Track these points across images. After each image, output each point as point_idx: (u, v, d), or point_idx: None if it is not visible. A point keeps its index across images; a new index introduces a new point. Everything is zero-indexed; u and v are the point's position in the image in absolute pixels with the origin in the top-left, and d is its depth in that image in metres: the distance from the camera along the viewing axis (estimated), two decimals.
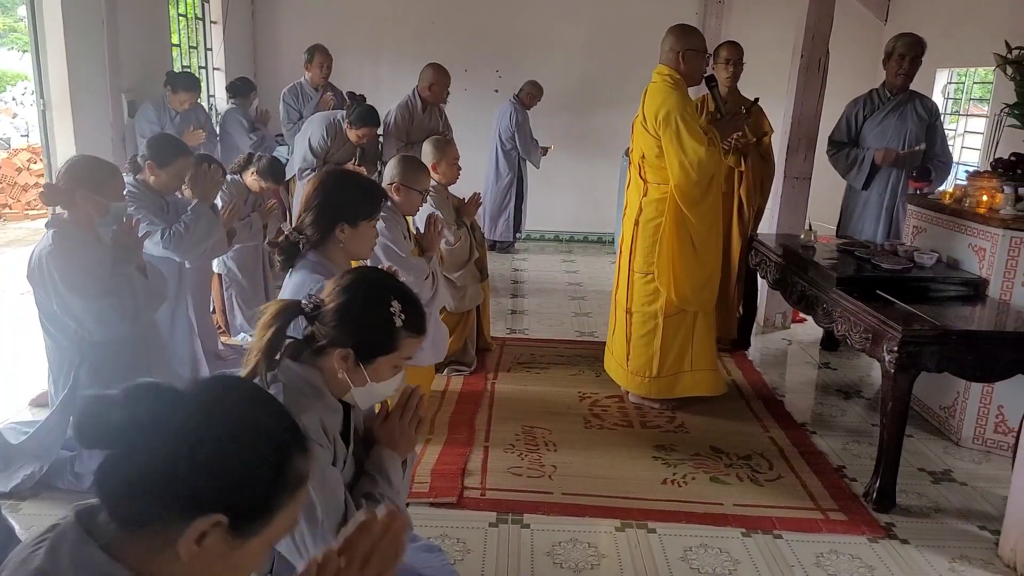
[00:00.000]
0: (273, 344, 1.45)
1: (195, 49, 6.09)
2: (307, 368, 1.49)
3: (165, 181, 3.18)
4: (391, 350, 1.49)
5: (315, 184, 2.16)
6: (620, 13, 7.09)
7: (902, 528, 2.76)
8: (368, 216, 2.16)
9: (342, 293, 1.48)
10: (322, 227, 2.11)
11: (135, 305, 2.54)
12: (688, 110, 3.40)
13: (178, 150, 3.23)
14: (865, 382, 4.18)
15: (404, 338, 1.49)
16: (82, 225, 2.61)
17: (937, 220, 3.73)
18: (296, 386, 1.46)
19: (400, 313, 1.46)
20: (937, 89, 6.34)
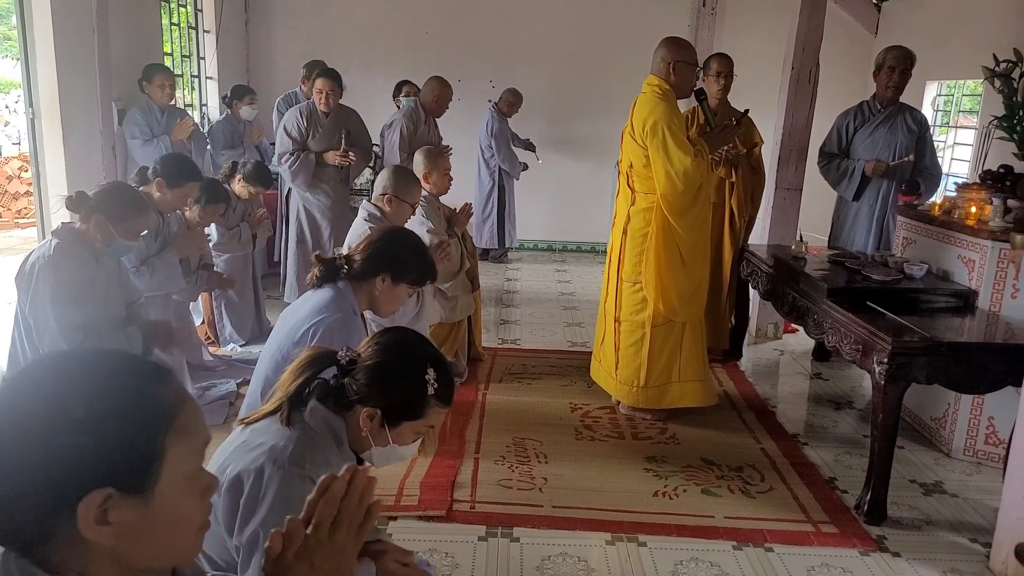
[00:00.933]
0: (301, 390, 1.46)
1: (188, 58, 6.09)
2: (332, 415, 1.48)
3: (170, 201, 3.23)
4: (418, 416, 1.50)
5: (389, 230, 2.28)
6: (613, 24, 7.12)
7: (893, 541, 2.75)
8: (411, 283, 2.23)
9: (381, 353, 1.49)
10: (370, 267, 2.17)
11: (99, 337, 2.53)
12: (675, 121, 3.41)
13: (191, 175, 3.28)
14: (857, 393, 4.18)
15: (433, 407, 1.50)
16: (87, 241, 2.61)
17: (927, 231, 3.74)
18: (319, 430, 1.46)
19: (434, 382, 1.48)
20: (927, 101, 6.39)
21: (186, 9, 6.05)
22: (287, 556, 0.94)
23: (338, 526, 0.96)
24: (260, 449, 1.39)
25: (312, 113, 4.70)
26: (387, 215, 3.30)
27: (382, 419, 1.47)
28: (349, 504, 0.97)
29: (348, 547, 0.97)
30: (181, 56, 5.94)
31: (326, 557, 0.95)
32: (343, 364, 1.48)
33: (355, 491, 0.98)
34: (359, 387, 1.47)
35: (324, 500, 0.96)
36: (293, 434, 1.42)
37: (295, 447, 1.39)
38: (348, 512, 0.97)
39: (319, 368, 1.48)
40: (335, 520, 0.96)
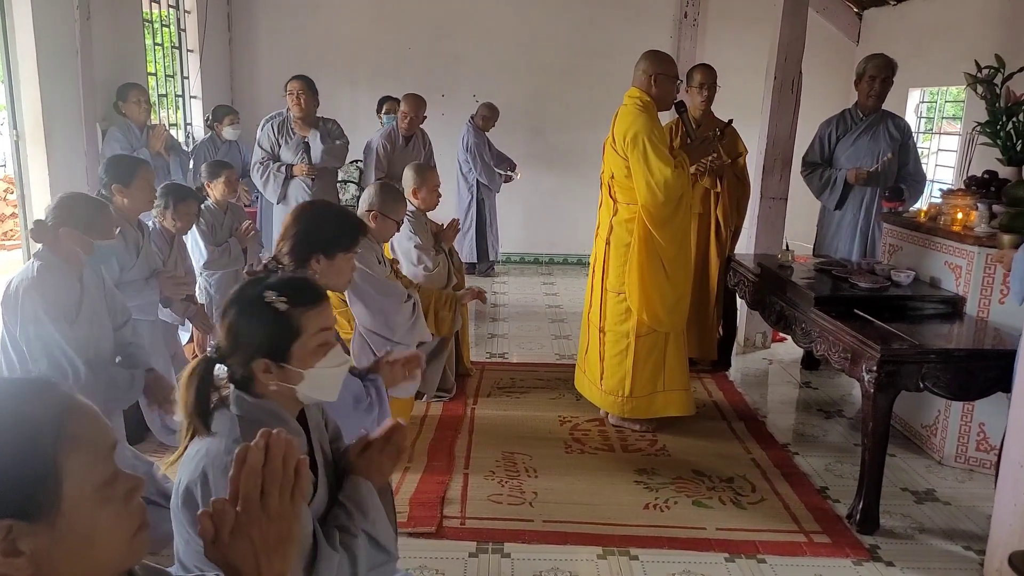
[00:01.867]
0: (200, 400, 1.40)
1: (172, 78, 6.07)
2: (258, 399, 1.45)
3: (138, 198, 3.15)
4: (296, 334, 1.43)
5: (295, 214, 2.16)
6: (596, 37, 7.16)
7: (886, 550, 2.73)
8: (345, 249, 2.14)
9: (224, 315, 1.45)
10: (298, 257, 2.09)
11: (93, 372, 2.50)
12: (656, 132, 3.42)
13: (135, 163, 3.21)
14: (846, 401, 4.17)
15: (299, 316, 1.43)
16: (67, 261, 2.57)
17: (912, 238, 3.75)
18: (254, 416, 1.41)
19: (277, 298, 1.41)
20: (910, 108, 6.44)
21: (169, 29, 6.04)
22: (223, 536, 0.91)
23: (268, 495, 0.93)
24: (199, 455, 1.36)
25: (284, 124, 4.72)
26: (372, 231, 3.28)
27: (273, 363, 1.42)
28: (273, 470, 0.93)
29: (285, 512, 0.94)
30: (165, 76, 5.92)
31: (264, 528, 0.92)
32: (217, 356, 1.45)
33: (275, 456, 0.94)
34: (236, 358, 1.43)
35: (244, 472, 0.93)
36: (226, 430, 1.39)
37: (230, 442, 1.36)
38: (274, 478, 0.93)
39: (202, 373, 1.42)
40: (264, 489, 0.93)
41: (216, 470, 1.32)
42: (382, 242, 3.40)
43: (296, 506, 0.96)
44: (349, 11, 7.12)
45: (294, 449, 0.97)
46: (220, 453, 1.34)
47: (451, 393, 4.02)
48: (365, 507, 1.48)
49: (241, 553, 0.91)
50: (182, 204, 3.54)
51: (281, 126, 4.74)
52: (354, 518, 1.46)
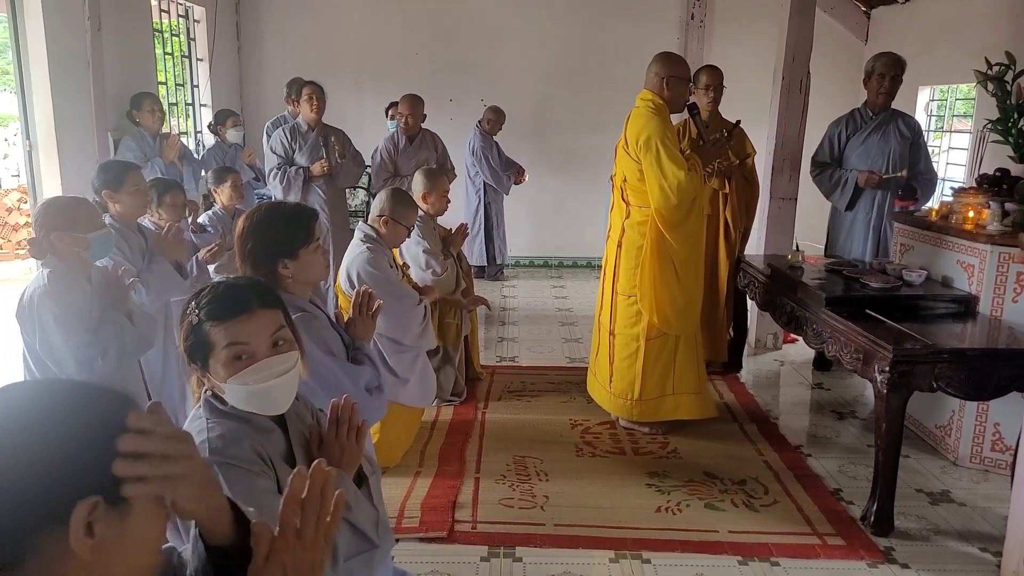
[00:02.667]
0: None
1: (182, 87, 6.12)
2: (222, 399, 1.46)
3: (129, 203, 3.12)
4: (209, 348, 1.41)
5: (242, 228, 2.09)
6: (603, 39, 7.16)
7: (902, 552, 2.71)
8: (305, 243, 2.08)
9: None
10: (265, 269, 2.05)
11: (119, 351, 2.49)
12: (669, 135, 3.42)
13: (126, 167, 3.18)
14: (859, 402, 4.14)
15: (209, 330, 1.40)
16: (72, 266, 2.57)
17: (924, 237, 3.73)
18: (220, 416, 1.43)
19: (194, 310, 1.41)
20: (920, 106, 6.40)
21: (179, 38, 6.09)
22: (258, 560, 0.94)
23: (306, 523, 0.96)
24: None
25: (295, 129, 4.75)
26: (383, 236, 3.30)
27: (201, 370, 1.43)
28: (311, 500, 0.97)
29: (319, 542, 0.97)
30: (175, 84, 5.97)
31: (298, 557, 0.95)
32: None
33: (315, 487, 0.97)
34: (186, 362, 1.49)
35: (286, 500, 0.96)
36: (195, 430, 1.40)
37: (202, 444, 1.37)
38: (312, 508, 0.97)
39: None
40: (302, 518, 0.96)
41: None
42: (392, 247, 3.41)
43: (329, 540, 0.99)
44: (356, 17, 7.16)
45: (332, 482, 0.99)
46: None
47: (461, 397, 4.02)
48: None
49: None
50: (167, 196, 3.47)
51: (293, 131, 4.77)
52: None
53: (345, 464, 1.52)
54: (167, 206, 3.48)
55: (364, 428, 1.54)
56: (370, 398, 2.19)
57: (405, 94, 5.36)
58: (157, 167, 4.48)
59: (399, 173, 5.25)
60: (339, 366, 2.15)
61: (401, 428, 3.35)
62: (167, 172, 4.47)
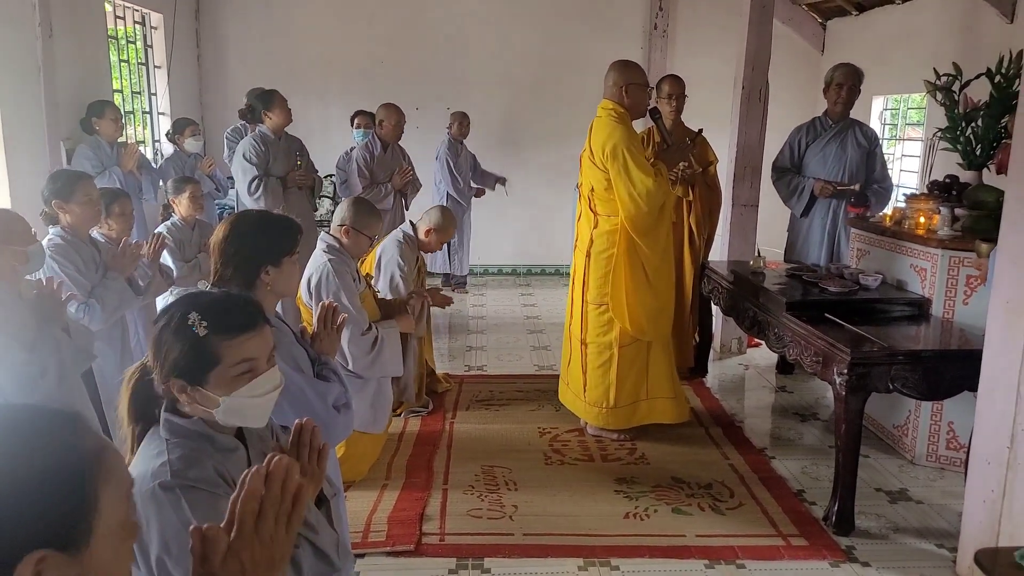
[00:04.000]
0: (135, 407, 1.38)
1: (139, 95, 6.01)
2: (187, 419, 1.40)
3: (79, 213, 3.03)
4: (214, 362, 1.37)
5: (227, 232, 2.04)
6: (567, 49, 7.22)
7: (862, 550, 2.77)
8: (289, 252, 2.06)
9: (153, 330, 1.40)
10: (247, 274, 2.00)
11: (60, 367, 2.42)
12: (634, 143, 3.46)
13: (77, 177, 3.09)
14: (821, 404, 4.22)
15: (219, 344, 1.37)
16: (3, 282, 2.48)
17: (879, 242, 3.82)
18: (183, 438, 1.37)
19: (199, 322, 1.36)
20: (874, 115, 6.57)
21: (135, 45, 5.98)
22: (214, 562, 0.91)
23: (264, 520, 0.93)
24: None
25: (266, 138, 4.69)
26: (345, 246, 3.25)
27: (190, 384, 1.37)
28: (272, 496, 0.94)
29: (279, 538, 0.95)
30: (132, 92, 5.86)
31: (256, 553, 0.92)
32: (148, 374, 1.41)
33: (275, 482, 0.95)
34: (156, 372, 1.38)
35: (244, 497, 0.93)
36: (152, 452, 1.35)
37: (157, 465, 1.33)
38: (272, 503, 0.94)
39: (139, 378, 1.40)
40: (260, 514, 0.93)
41: (144, 497, 1.27)
42: (356, 257, 3.37)
43: (291, 533, 0.96)
44: (320, 25, 7.11)
45: (294, 476, 0.97)
46: (145, 476, 1.30)
47: (427, 408, 3.99)
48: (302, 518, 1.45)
49: (230, 575, 0.91)
50: (115, 205, 3.36)
51: (264, 140, 4.68)
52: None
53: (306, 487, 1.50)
54: (116, 216, 3.37)
55: (325, 450, 1.51)
56: (338, 415, 2.15)
57: (384, 103, 5.32)
58: (115, 176, 4.39)
59: (376, 181, 5.22)
60: (307, 383, 2.11)
61: (367, 441, 3.31)
62: (125, 182, 4.38)
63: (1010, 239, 2.49)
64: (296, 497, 0.97)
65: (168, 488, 1.27)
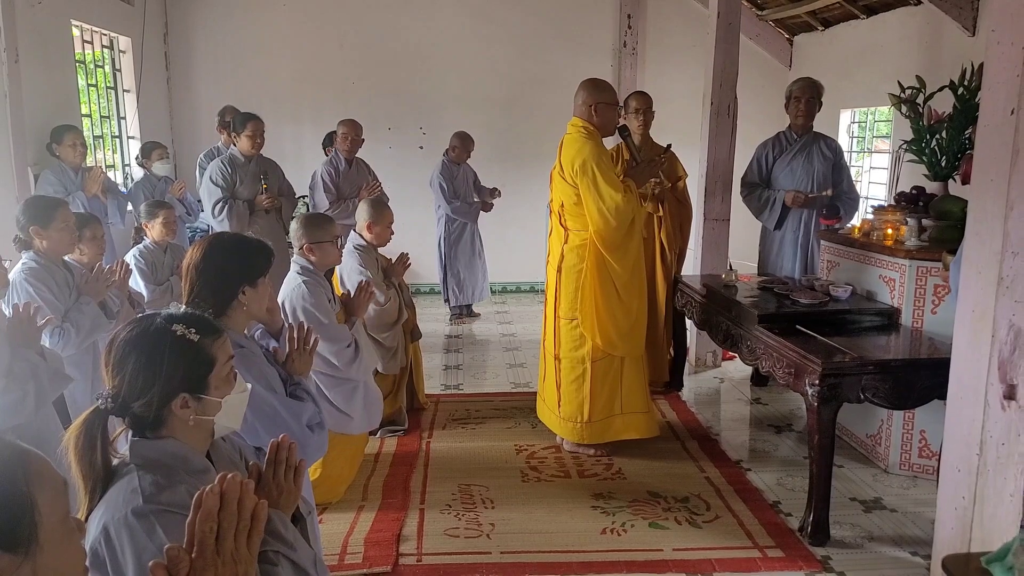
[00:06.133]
0: (103, 459, 1.34)
1: (108, 119, 5.95)
2: (157, 441, 1.39)
3: (57, 239, 3.02)
4: (211, 364, 1.42)
5: (203, 253, 2.04)
6: (537, 68, 7.28)
7: (838, 560, 2.78)
8: (263, 273, 2.09)
9: (125, 362, 1.38)
10: (224, 294, 2.01)
11: (38, 390, 2.38)
12: (603, 159, 3.49)
13: (54, 203, 3.09)
14: (795, 415, 4.25)
15: (210, 346, 1.43)
16: None
17: (848, 254, 3.88)
18: (154, 463, 1.35)
19: (187, 330, 1.40)
20: (842, 128, 6.69)
21: (104, 70, 5.93)
22: None
23: (224, 539, 0.95)
24: (98, 512, 1.30)
25: (234, 160, 4.66)
26: (315, 263, 3.24)
27: (191, 396, 1.39)
28: (228, 515, 0.96)
29: (241, 555, 0.97)
30: (100, 117, 5.80)
31: (220, 572, 0.94)
32: (112, 407, 1.38)
33: (230, 500, 0.97)
34: (145, 402, 1.36)
35: (200, 517, 0.95)
36: (123, 481, 1.33)
37: (128, 492, 1.31)
38: (230, 521, 0.96)
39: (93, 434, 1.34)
40: (219, 533, 0.95)
41: (117, 525, 1.26)
42: (329, 266, 3.35)
43: (252, 549, 0.99)
44: (290, 47, 7.11)
45: (250, 492, 0.99)
46: (118, 505, 1.28)
47: (403, 428, 3.97)
48: (281, 536, 1.44)
49: None
50: (87, 230, 3.34)
51: (232, 162, 4.67)
52: (272, 547, 1.40)
53: (283, 504, 1.49)
54: (87, 240, 3.35)
55: (302, 467, 1.52)
56: (311, 435, 2.15)
57: (345, 118, 5.34)
58: (79, 201, 4.33)
59: (343, 196, 5.21)
60: (280, 403, 2.10)
61: (343, 463, 3.28)
62: (89, 206, 4.32)
63: (973, 248, 2.53)
64: (254, 514, 0.99)
65: (141, 515, 1.26)
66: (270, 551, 1.38)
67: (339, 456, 3.20)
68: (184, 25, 7.00)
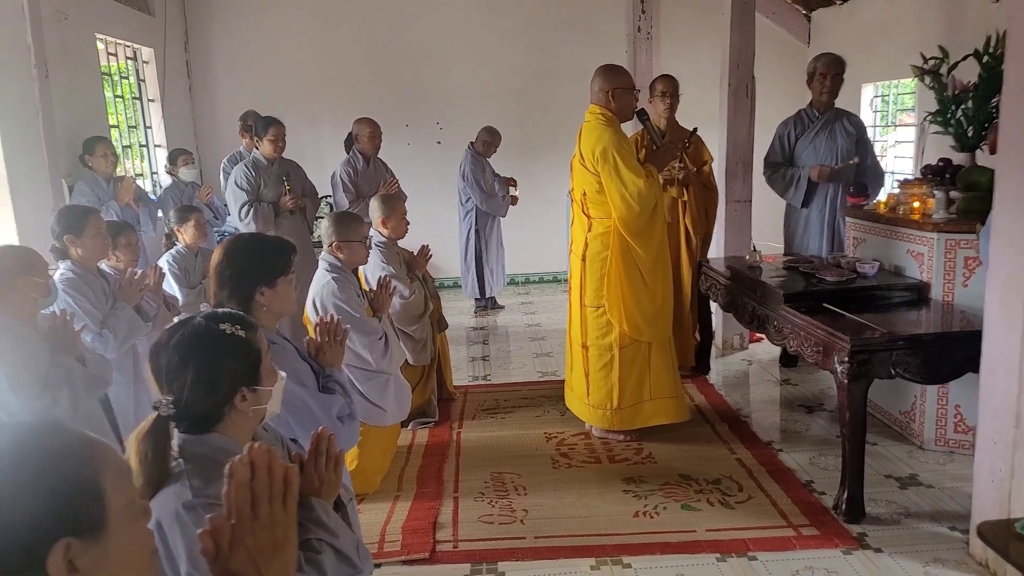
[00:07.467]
0: (163, 463, 1.39)
1: (135, 128, 6.08)
2: (203, 436, 1.44)
3: (91, 247, 3.11)
4: (260, 356, 1.50)
5: (221, 254, 2.11)
6: (552, 58, 7.27)
7: (874, 537, 2.77)
8: (284, 272, 2.13)
9: (183, 368, 1.42)
10: (241, 296, 2.07)
11: (72, 395, 2.46)
12: (624, 145, 3.49)
13: (86, 212, 3.18)
14: (826, 394, 4.22)
15: (255, 339, 1.50)
16: (19, 317, 2.53)
17: (875, 230, 3.84)
18: (202, 458, 1.41)
19: (234, 327, 1.47)
20: (864, 103, 6.59)
21: (128, 80, 6.06)
22: (224, 549, 0.99)
23: (258, 504, 1.01)
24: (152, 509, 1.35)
25: (258, 164, 4.74)
26: (344, 261, 3.30)
27: (248, 388, 1.46)
28: (260, 481, 1.01)
29: (277, 519, 1.02)
30: (128, 127, 5.93)
31: (259, 536, 1.00)
32: (173, 413, 1.42)
33: (260, 468, 1.02)
34: (206, 402, 1.42)
35: (234, 487, 1.00)
36: (176, 480, 1.38)
37: (179, 486, 1.36)
38: (262, 488, 1.01)
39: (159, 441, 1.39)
40: (254, 500, 1.01)
41: (169, 519, 1.31)
42: (357, 265, 3.41)
43: (288, 512, 1.04)
44: (306, 48, 7.18)
45: (278, 459, 1.03)
46: (169, 500, 1.34)
47: (434, 419, 4.02)
48: (323, 523, 1.48)
49: (240, 562, 0.99)
50: (121, 237, 3.44)
51: (255, 165, 4.74)
52: (315, 534, 1.44)
53: (325, 493, 1.54)
54: (122, 247, 3.45)
55: (341, 458, 1.57)
56: (342, 426, 2.21)
57: (362, 117, 5.37)
58: (112, 210, 4.44)
59: (361, 195, 5.26)
60: (310, 396, 2.16)
61: (377, 455, 3.34)
62: (122, 214, 4.43)
63: (1003, 218, 2.50)
64: (286, 479, 1.04)
65: (190, 508, 1.32)
66: (313, 539, 1.42)
67: (374, 448, 3.27)
68: (203, 33, 7.11)
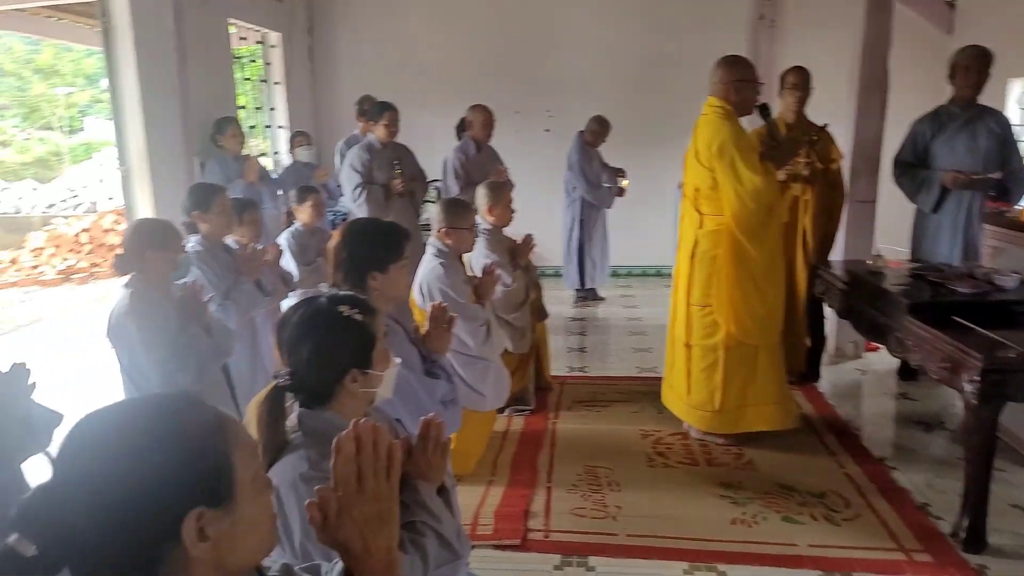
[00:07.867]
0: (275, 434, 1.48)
1: (260, 110, 6.40)
2: (322, 413, 1.52)
3: (217, 223, 3.31)
4: (374, 340, 1.56)
5: (339, 239, 2.22)
6: (667, 45, 7.09)
7: (996, 571, 2.57)
8: (396, 259, 2.20)
9: (302, 343, 1.51)
10: (354, 280, 2.16)
11: (198, 363, 2.63)
12: (742, 140, 3.36)
13: (213, 190, 3.38)
14: (948, 412, 3.95)
15: (371, 323, 1.56)
16: (155, 284, 2.73)
17: (1017, 239, 3.54)
18: (321, 432, 1.47)
19: (352, 310, 1.52)
20: (1011, 100, 6.07)
21: (256, 63, 6.38)
22: (330, 519, 1.04)
23: (364, 477, 1.05)
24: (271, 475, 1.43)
25: (371, 147, 4.89)
26: (451, 247, 3.37)
27: (360, 371, 1.52)
28: (365, 455, 1.06)
29: (381, 492, 1.07)
30: (254, 108, 6.25)
31: (364, 508, 1.05)
32: (289, 384, 1.51)
33: (366, 443, 1.06)
34: (319, 377, 1.51)
35: (340, 460, 1.06)
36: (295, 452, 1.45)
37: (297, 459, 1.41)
38: (367, 462, 1.06)
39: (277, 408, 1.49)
40: (360, 473, 1.05)
41: (287, 488, 1.39)
42: (463, 252, 3.47)
43: (392, 486, 1.08)
44: (425, 36, 7.33)
45: (383, 435, 1.08)
46: (287, 471, 1.41)
47: (530, 407, 4.04)
48: (428, 507, 1.51)
49: (347, 532, 1.05)
50: (245, 214, 3.63)
51: (370, 149, 4.92)
52: (416, 514, 1.49)
53: (431, 478, 1.58)
54: (247, 224, 3.66)
55: (448, 444, 1.60)
56: (445, 410, 2.27)
57: (476, 104, 5.43)
58: (239, 188, 4.71)
59: (472, 181, 5.33)
60: (416, 380, 2.23)
61: (475, 439, 3.40)
62: (247, 192, 4.69)
63: None
64: (390, 454, 1.08)
65: (307, 479, 1.39)
66: (418, 521, 1.46)
67: (471, 432, 3.32)
68: (327, 19, 7.39)
